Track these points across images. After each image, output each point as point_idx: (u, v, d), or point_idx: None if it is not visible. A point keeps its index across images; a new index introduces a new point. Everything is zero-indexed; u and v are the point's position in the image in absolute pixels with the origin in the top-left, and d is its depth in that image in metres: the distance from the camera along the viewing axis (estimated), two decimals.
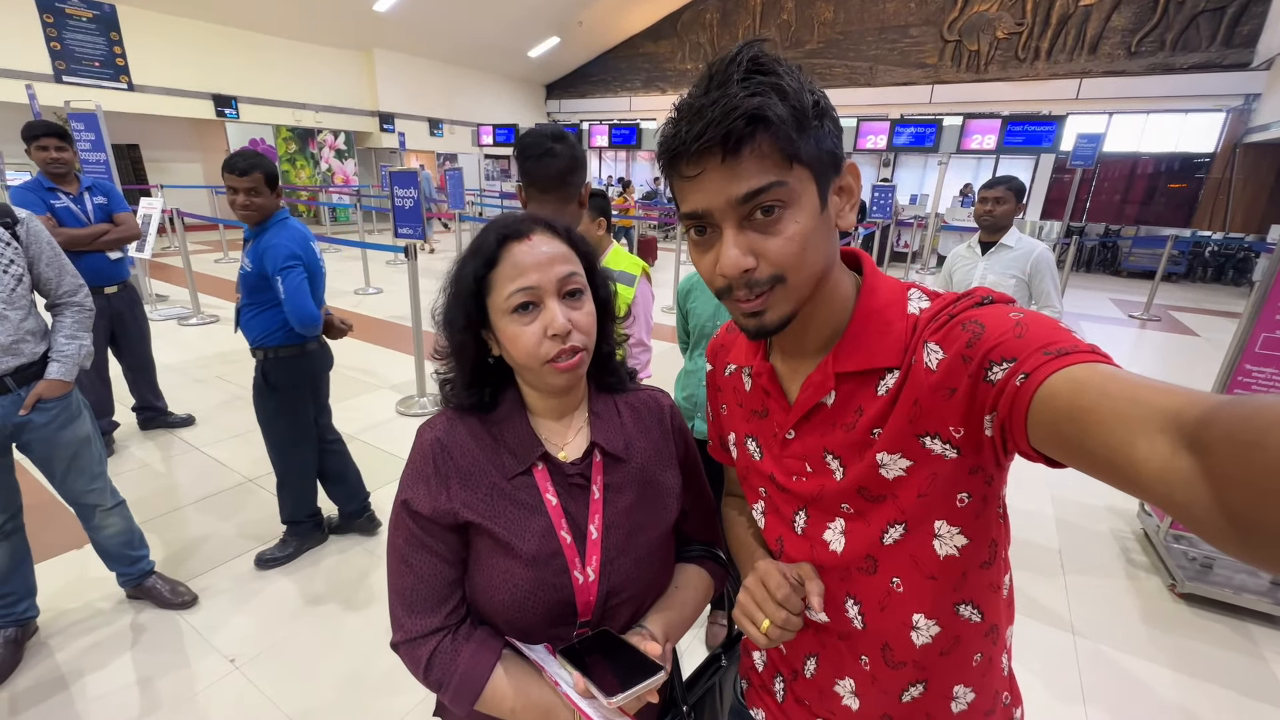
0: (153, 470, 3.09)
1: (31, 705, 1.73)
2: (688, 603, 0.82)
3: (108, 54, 5.30)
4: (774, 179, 0.51)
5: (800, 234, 0.53)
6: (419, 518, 0.71)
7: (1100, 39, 10.58)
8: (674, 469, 0.83)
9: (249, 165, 2.03)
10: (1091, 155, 7.37)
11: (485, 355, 0.74)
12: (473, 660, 0.69)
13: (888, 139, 8.92)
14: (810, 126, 0.52)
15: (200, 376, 4.30)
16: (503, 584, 0.71)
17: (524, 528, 0.71)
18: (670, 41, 15.14)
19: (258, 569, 2.35)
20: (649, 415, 0.83)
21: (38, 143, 2.77)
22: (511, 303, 0.68)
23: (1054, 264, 2.49)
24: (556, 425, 0.78)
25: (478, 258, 0.70)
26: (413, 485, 0.72)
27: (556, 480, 0.74)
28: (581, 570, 0.72)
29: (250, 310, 2.18)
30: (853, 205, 0.59)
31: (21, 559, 1.89)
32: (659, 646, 0.70)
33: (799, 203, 0.53)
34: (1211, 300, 8.85)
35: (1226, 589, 2.26)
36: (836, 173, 0.56)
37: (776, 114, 0.49)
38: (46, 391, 1.75)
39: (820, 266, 0.57)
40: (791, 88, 0.50)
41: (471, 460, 0.73)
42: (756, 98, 0.49)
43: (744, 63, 0.50)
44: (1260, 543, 0.31)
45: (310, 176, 13.72)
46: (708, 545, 0.90)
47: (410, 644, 0.70)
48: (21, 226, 1.70)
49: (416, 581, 0.71)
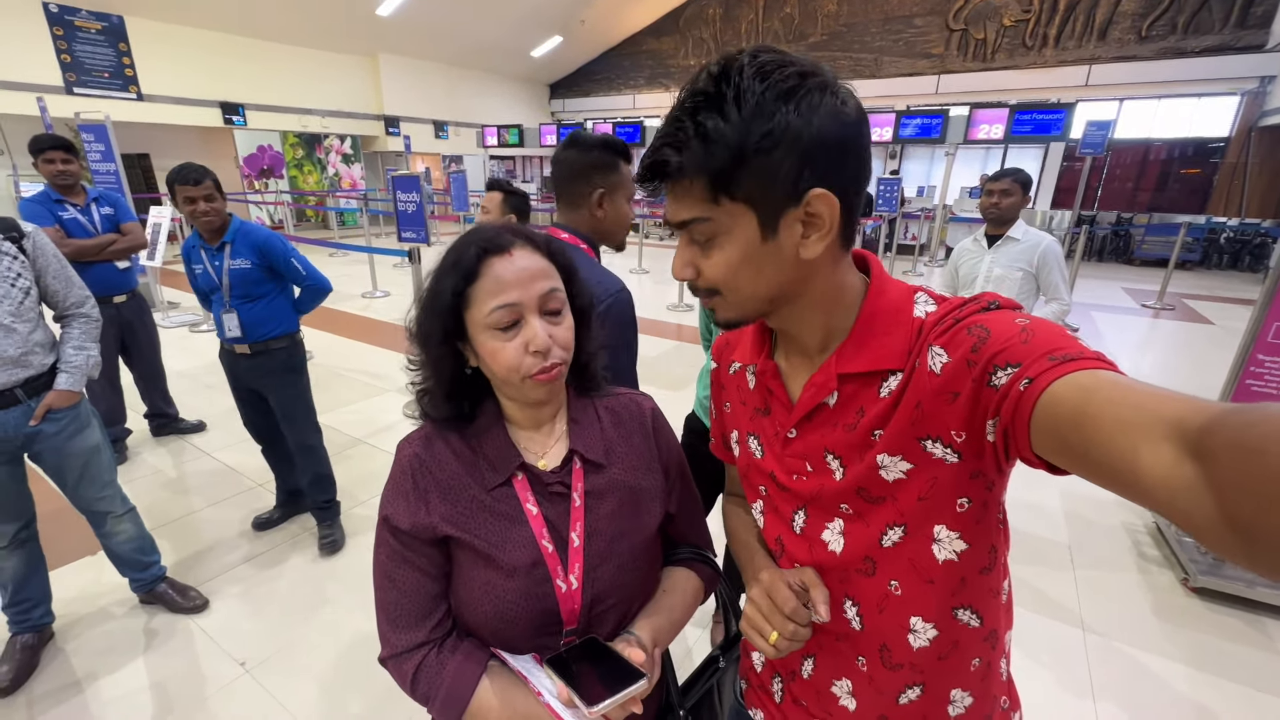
0: (165, 476, 3.14)
1: (48, 709, 1.77)
2: (676, 606, 0.82)
3: (117, 65, 5.39)
4: (695, 214, 0.56)
5: (726, 262, 0.57)
6: (399, 533, 0.71)
7: (1110, 24, 10.41)
8: (657, 473, 0.83)
9: (200, 175, 2.17)
10: (1101, 143, 7.26)
11: (463, 367, 0.74)
12: (458, 674, 0.69)
13: (893, 131, 8.83)
14: (746, 165, 0.51)
15: (211, 382, 4.36)
16: (486, 596, 0.71)
17: (505, 539, 0.71)
18: (673, 38, 15.09)
19: (321, 554, 2.50)
20: (630, 420, 0.83)
21: (44, 156, 2.82)
22: (492, 319, 0.67)
23: (1062, 256, 2.45)
24: (535, 434, 0.78)
25: (456, 271, 0.69)
26: (393, 501, 0.73)
27: (536, 489, 0.74)
28: (564, 579, 0.72)
29: (254, 305, 2.29)
30: (822, 235, 0.55)
31: (36, 566, 1.93)
32: (643, 654, 0.70)
33: (730, 233, 0.56)
34: (1227, 287, 8.71)
35: (1240, 583, 2.23)
36: (794, 203, 0.53)
37: (677, 164, 0.53)
38: (56, 402, 1.78)
39: (765, 289, 0.59)
40: (722, 130, 0.50)
41: (450, 474, 0.73)
42: (668, 148, 0.53)
43: (698, 91, 0.52)
44: (1262, 549, 0.31)
45: (318, 181, 13.84)
46: (696, 548, 0.90)
47: (397, 659, 0.71)
48: (28, 240, 1.73)
49: (400, 597, 0.72)
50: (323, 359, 4.95)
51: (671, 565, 0.87)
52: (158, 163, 11.95)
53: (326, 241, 8.92)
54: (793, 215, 0.54)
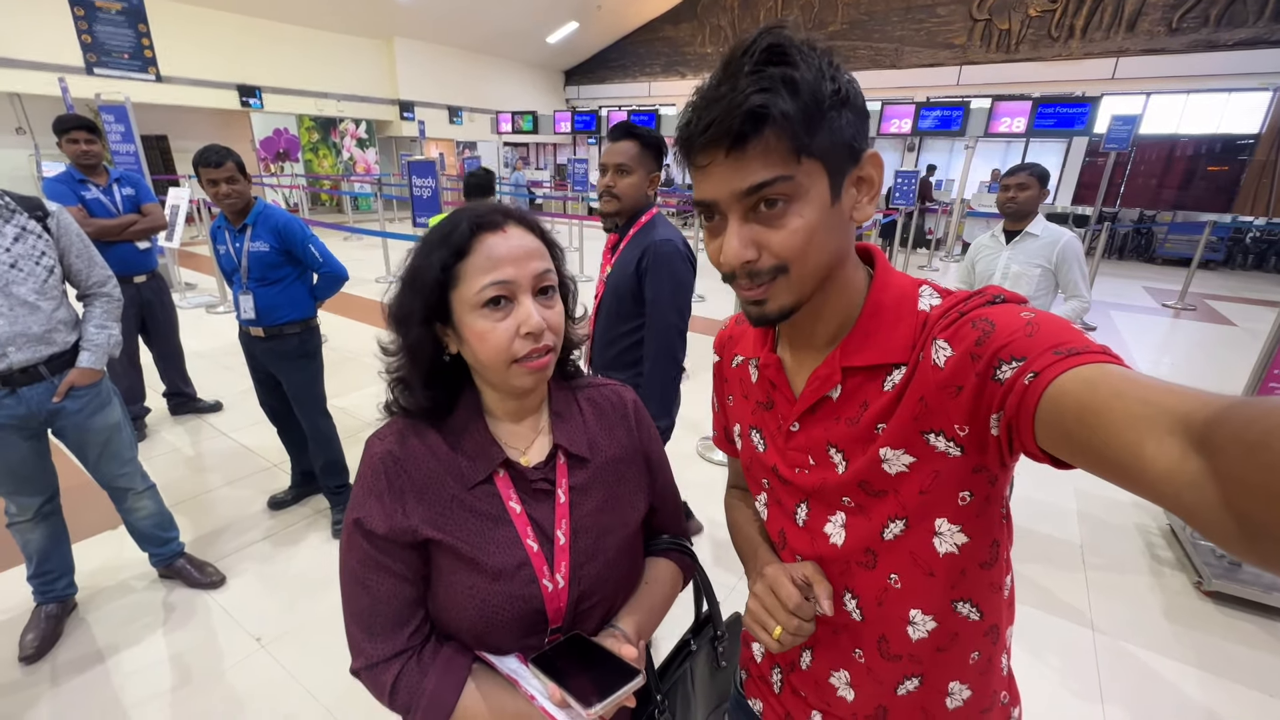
0: (183, 455, 3.19)
1: (71, 676, 1.82)
2: (657, 597, 0.82)
3: (136, 46, 5.40)
4: (778, 174, 0.51)
5: (805, 228, 0.53)
6: (374, 537, 0.66)
7: (1139, 15, 10.13)
8: (639, 465, 0.81)
9: (221, 157, 2.18)
10: (1126, 138, 7.12)
11: (440, 354, 0.70)
12: (440, 681, 0.66)
13: (913, 123, 8.69)
14: (825, 118, 0.51)
15: (228, 363, 4.42)
16: (469, 600, 0.67)
17: (488, 540, 0.68)
18: (690, 25, 14.90)
19: (335, 537, 2.51)
20: (612, 411, 0.81)
21: (68, 136, 2.85)
22: (483, 296, 0.63)
23: (1081, 252, 2.41)
24: (517, 428, 0.74)
25: (446, 246, 0.64)
26: (364, 503, 0.67)
27: (520, 486, 0.71)
28: (551, 578, 0.69)
29: (272, 289, 2.32)
30: (872, 198, 0.57)
31: (60, 538, 1.98)
32: (634, 649, 0.69)
33: (805, 196, 0.53)
34: (1251, 289, 8.53)
35: (1256, 587, 2.20)
36: (854, 164, 0.55)
37: (780, 110, 0.49)
38: (78, 379, 1.81)
39: (827, 260, 0.56)
40: (806, 78, 0.49)
41: (427, 472, 0.68)
42: (760, 94, 0.48)
43: (757, 52, 0.50)
44: (1268, 545, 0.31)
45: (332, 166, 13.89)
46: (675, 537, 0.89)
47: (372, 669, 0.67)
48: (52, 219, 1.76)
49: (374, 604, 0.67)
50: (337, 342, 5.00)
51: (651, 556, 0.87)
52: (176, 144, 12.06)
53: (341, 225, 8.96)
54: (853, 176, 0.55)
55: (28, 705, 1.72)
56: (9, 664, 1.85)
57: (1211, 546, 2.40)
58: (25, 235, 1.68)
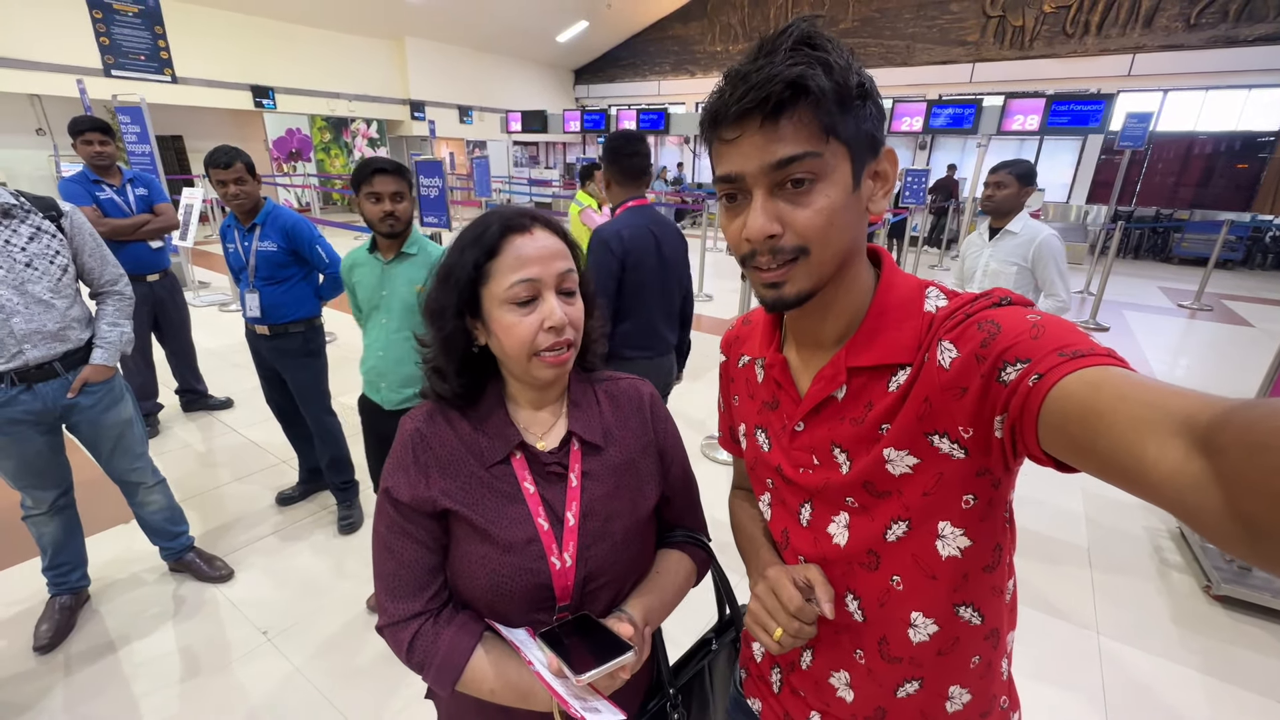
0: (193, 450, 3.25)
1: (84, 666, 1.86)
2: (668, 587, 0.84)
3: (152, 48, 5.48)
4: (809, 149, 0.52)
5: (829, 208, 0.54)
6: (399, 505, 0.73)
7: (1156, 11, 9.97)
8: (653, 457, 0.85)
9: (230, 158, 2.22)
10: (1142, 136, 7.00)
11: (471, 345, 0.76)
12: (453, 643, 0.71)
13: (924, 120, 8.60)
14: (852, 105, 0.52)
15: (238, 361, 4.47)
16: (482, 569, 0.73)
17: (501, 515, 0.73)
18: (700, 23, 14.87)
19: (340, 533, 2.55)
20: (629, 404, 0.85)
21: (83, 137, 2.90)
22: (512, 294, 0.69)
23: (1060, 251, 2.37)
24: (537, 415, 0.80)
25: (479, 246, 0.71)
26: (394, 474, 0.74)
27: (534, 469, 0.76)
28: (559, 556, 0.74)
29: (277, 288, 2.35)
30: (886, 192, 0.59)
31: (74, 531, 2.02)
32: (631, 628, 0.72)
33: (831, 177, 0.54)
34: (1270, 289, 8.37)
35: (1265, 592, 2.17)
36: (873, 156, 0.56)
37: (818, 85, 0.50)
38: (92, 376, 1.85)
39: (845, 245, 0.57)
40: (839, 64, 0.51)
41: (450, 450, 0.75)
42: (800, 67, 0.50)
43: (794, 35, 0.52)
44: (1271, 547, 0.31)
45: (344, 165, 14.00)
46: (691, 531, 0.92)
47: (393, 627, 0.73)
48: (66, 219, 1.79)
49: (398, 567, 0.73)
50: (345, 339, 5.05)
51: (665, 548, 0.89)
52: (191, 144, 12.21)
53: (352, 225, 9.04)
54: (871, 168, 0.57)
55: (42, 694, 1.76)
56: (24, 654, 1.89)
57: (1220, 551, 2.37)
58: (40, 235, 1.72)
